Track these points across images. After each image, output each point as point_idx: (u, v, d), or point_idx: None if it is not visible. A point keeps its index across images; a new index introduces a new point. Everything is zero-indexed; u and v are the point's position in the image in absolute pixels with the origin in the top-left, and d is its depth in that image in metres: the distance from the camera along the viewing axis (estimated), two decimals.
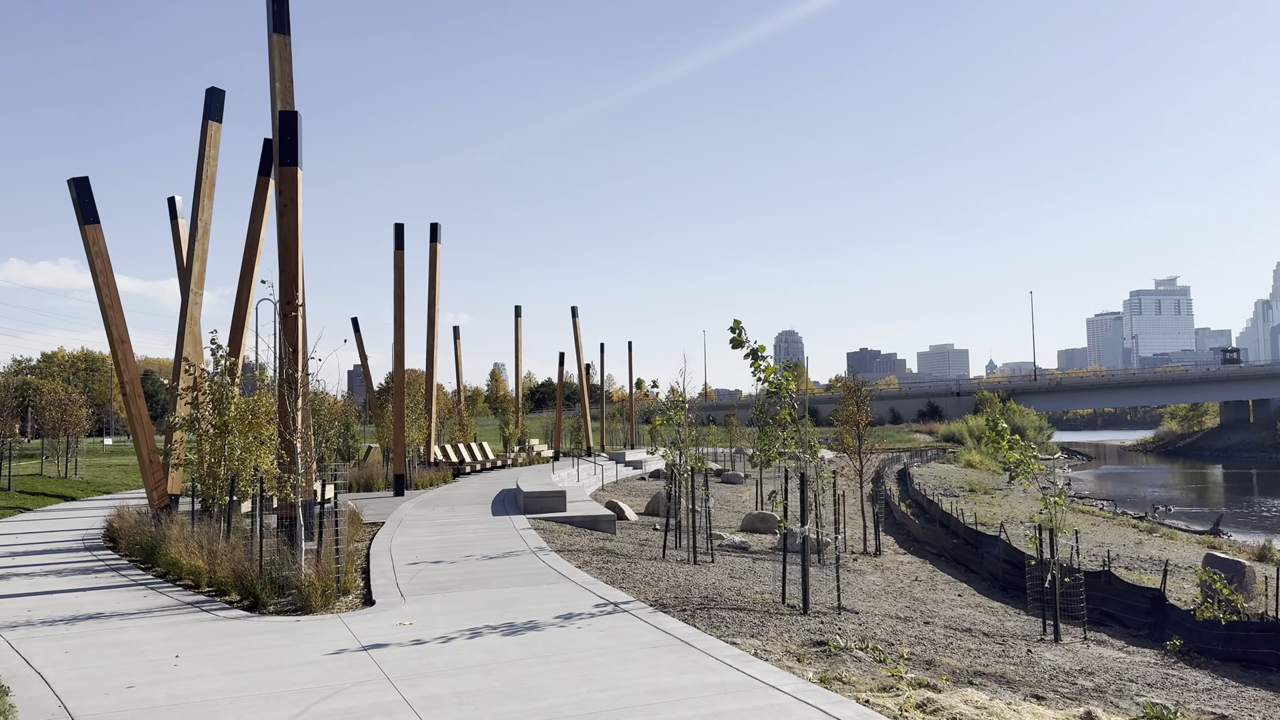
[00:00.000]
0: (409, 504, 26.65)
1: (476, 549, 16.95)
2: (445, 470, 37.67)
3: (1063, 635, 15.06)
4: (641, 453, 59.02)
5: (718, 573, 16.11)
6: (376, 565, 15.06)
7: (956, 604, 18.66)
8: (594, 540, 19.71)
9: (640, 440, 75.63)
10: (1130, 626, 16.29)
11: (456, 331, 59.69)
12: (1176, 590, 20.91)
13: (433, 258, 40.30)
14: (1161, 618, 15.93)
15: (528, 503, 23.47)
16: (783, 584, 13.36)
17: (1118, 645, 14.87)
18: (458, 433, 51.69)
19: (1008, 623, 16.64)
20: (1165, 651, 14.53)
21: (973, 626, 15.15)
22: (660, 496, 32.62)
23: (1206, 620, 14.37)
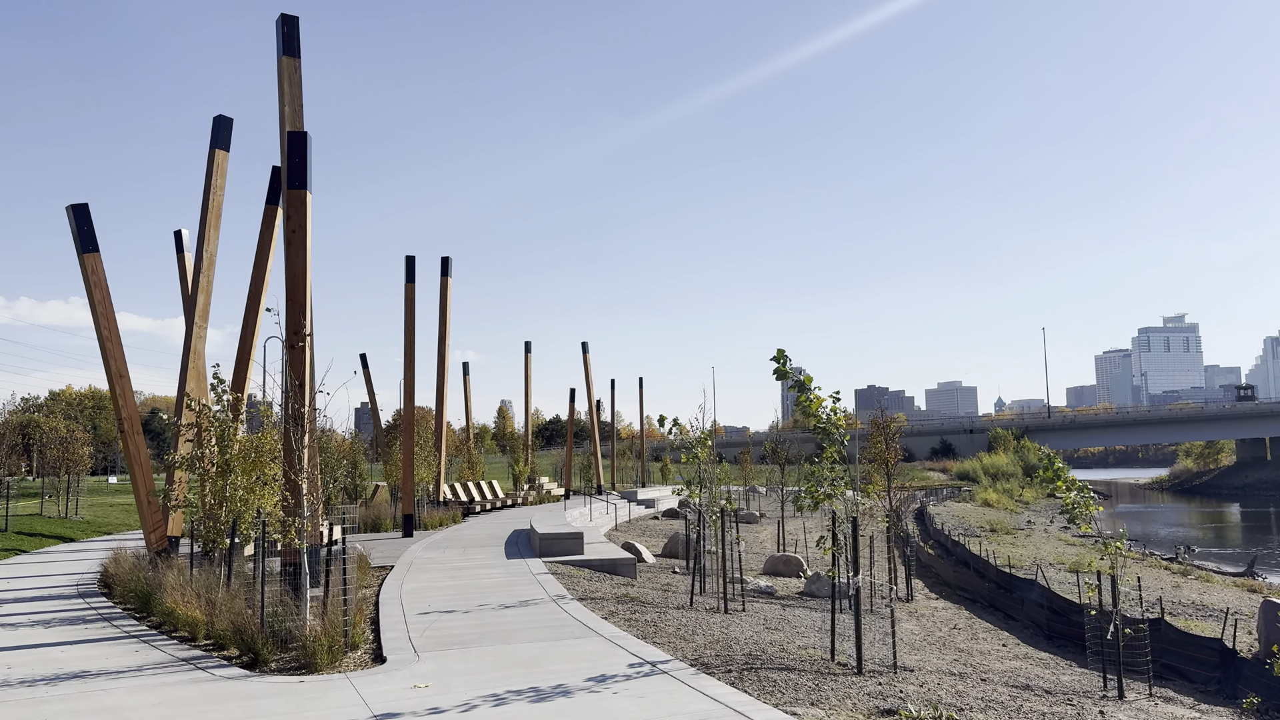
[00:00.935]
0: (418, 545, 25.58)
1: (492, 596, 15.88)
2: (455, 509, 36.59)
3: (1126, 691, 13.92)
4: (654, 491, 57.91)
5: (752, 623, 15.01)
6: (386, 615, 14.00)
7: (1004, 655, 17.48)
8: (615, 586, 18.62)
9: (652, 478, 74.40)
10: (1194, 681, 15.10)
11: (466, 368, 58.85)
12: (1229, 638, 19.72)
13: (443, 292, 39.53)
14: (1232, 672, 14.74)
15: (543, 545, 22.39)
16: (832, 639, 12.25)
17: (1188, 703, 13.69)
18: (466, 471, 50.62)
19: (1063, 677, 15.47)
20: (1241, 710, 13.36)
21: (1031, 683, 14.00)
22: (679, 537, 31.48)
23: None
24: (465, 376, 58.43)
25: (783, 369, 11.36)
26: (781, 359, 11.38)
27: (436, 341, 39.45)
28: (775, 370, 11.40)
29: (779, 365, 11.36)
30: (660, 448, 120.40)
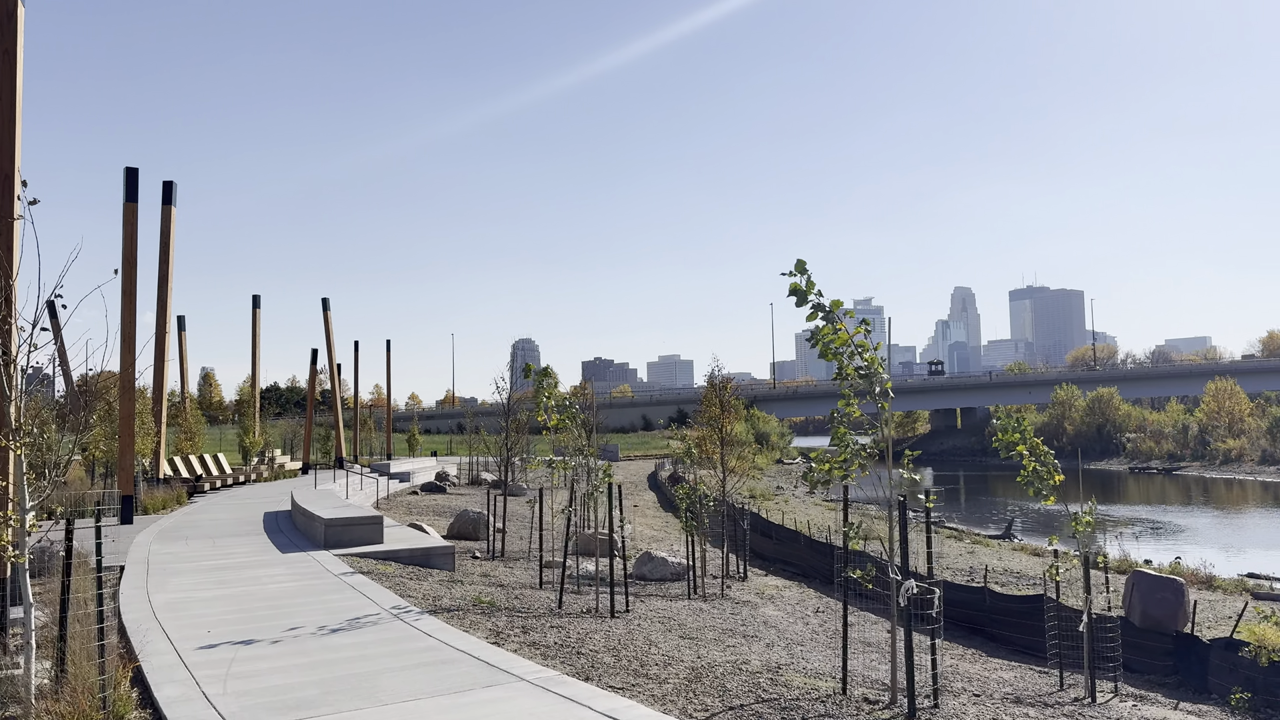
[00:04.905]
0: (147, 536, 19.81)
1: (298, 612, 11.33)
2: (178, 488, 30.11)
3: (1083, 689, 11.97)
4: (407, 463, 52.59)
5: (667, 630, 11.59)
6: (151, 655, 9.16)
7: None
8: (449, 586, 14.49)
9: (396, 449, 68.56)
10: (1140, 671, 13.51)
11: (182, 322, 50.42)
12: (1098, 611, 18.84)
13: (165, 224, 32.42)
14: (1195, 662, 13.25)
15: (330, 533, 17.63)
16: (844, 658, 9.03)
17: (1167, 703, 11.91)
18: (186, 443, 43.07)
19: (1004, 674, 13.37)
20: (1230, 708, 11.74)
21: (999, 690, 11.64)
22: (468, 515, 27.38)
23: (1274, 665, 11.72)
24: (181, 332, 50.04)
25: (801, 288, 7.94)
26: (803, 270, 7.94)
27: (156, 284, 32.34)
28: (791, 288, 7.96)
29: (796, 284, 7.92)
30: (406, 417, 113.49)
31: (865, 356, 7.89)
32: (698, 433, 23.74)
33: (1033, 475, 11.48)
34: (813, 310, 8.02)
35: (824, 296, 8.00)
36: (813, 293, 7.96)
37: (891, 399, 8.07)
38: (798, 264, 7.94)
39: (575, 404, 13.35)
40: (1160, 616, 16.78)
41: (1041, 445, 11.42)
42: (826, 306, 7.98)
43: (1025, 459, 11.54)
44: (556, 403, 13.97)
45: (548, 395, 14.69)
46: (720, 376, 25.27)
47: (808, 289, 7.96)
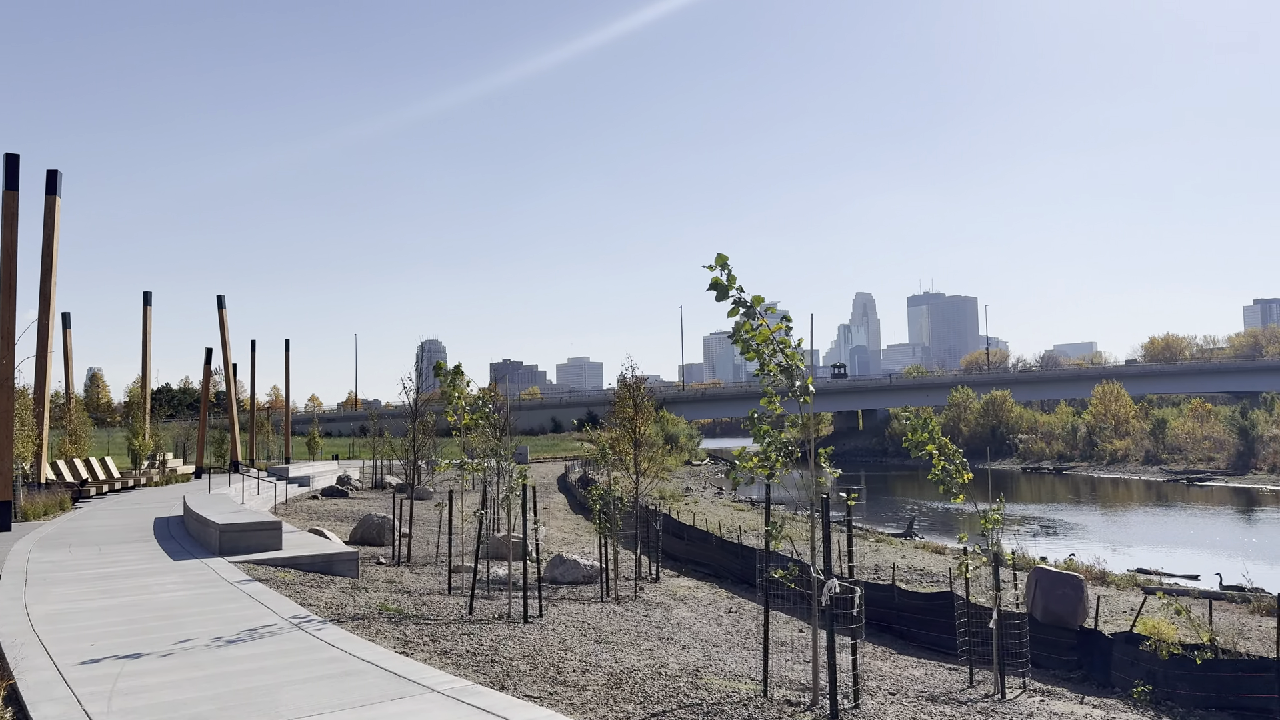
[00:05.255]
0: (27, 544, 18.64)
1: (191, 623, 10.71)
2: (61, 494, 28.51)
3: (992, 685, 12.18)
4: (307, 467, 50.99)
5: (581, 635, 11.34)
6: (26, 670, 8.49)
7: None
8: (352, 594, 13.95)
9: (295, 453, 66.50)
10: (1046, 666, 13.81)
11: (67, 319, 47.95)
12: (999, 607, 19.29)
13: (49, 216, 30.70)
14: (1098, 657, 13.59)
15: (226, 540, 16.83)
16: (764, 660, 8.91)
17: (1073, 697, 12.18)
18: (70, 446, 40.91)
19: (916, 672, 13.52)
20: (1132, 701, 12.06)
21: (913, 688, 11.74)
22: (371, 520, 26.67)
23: (1174, 659, 12.10)
24: (66, 330, 47.60)
25: (723, 283, 7.80)
26: (723, 266, 7.81)
27: (39, 278, 30.58)
28: (712, 282, 7.82)
29: (718, 277, 7.79)
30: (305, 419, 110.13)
31: (787, 353, 7.80)
32: (611, 434, 23.58)
33: (943, 475, 11.62)
34: (734, 306, 7.91)
35: (745, 292, 7.89)
36: (734, 287, 7.84)
37: (813, 396, 7.99)
38: (718, 258, 7.81)
39: (489, 404, 12.99)
40: (1061, 612, 17.27)
41: (951, 445, 11.56)
42: (748, 302, 7.87)
43: (935, 459, 11.67)
44: (469, 403, 13.61)
45: (459, 395, 14.31)
46: (634, 377, 25.15)
47: (729, 284, 7.83)
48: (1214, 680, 11.74)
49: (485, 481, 16.40)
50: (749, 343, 7.91)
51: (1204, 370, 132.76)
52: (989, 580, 16.65)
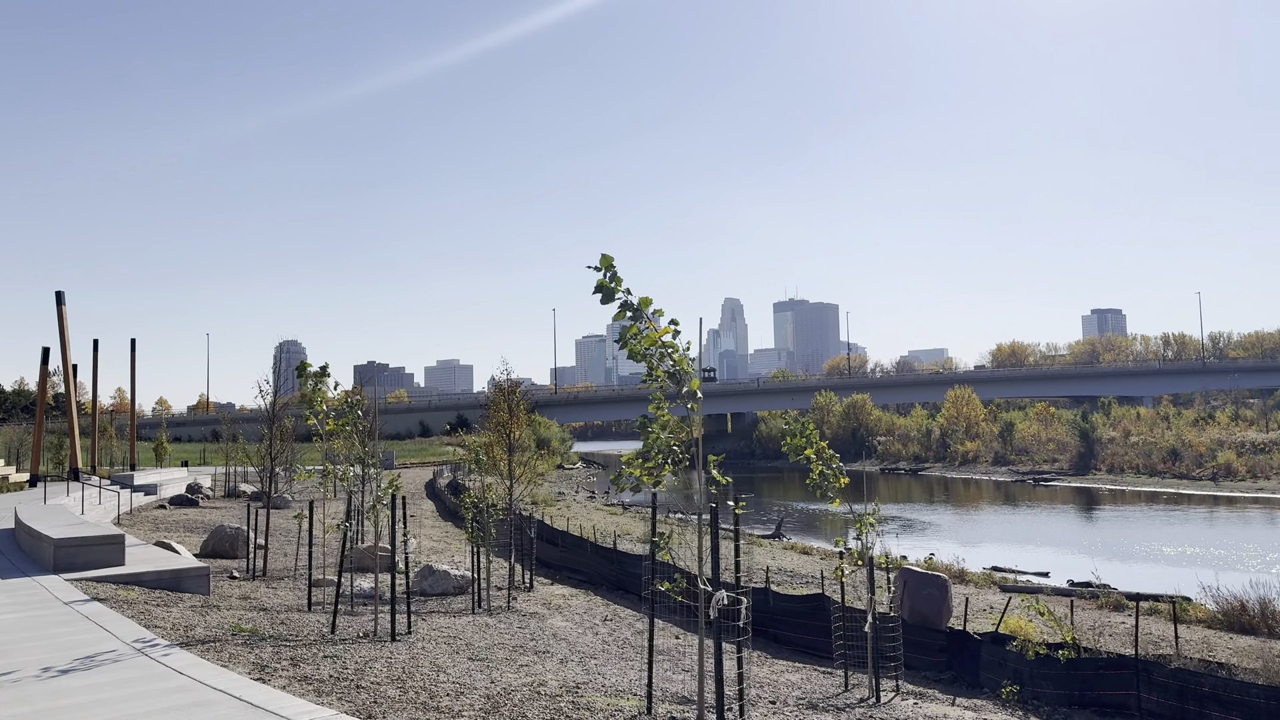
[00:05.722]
0: None
1: (18, 649, 9.68)
2: None
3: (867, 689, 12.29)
4: (153, 474, 48.03)
5: (454, 651, 10.81)
6: None
7: None
8: (206, 613, 12.98)
9: (142, 459, 62.65)
10: (917, 668, 14.02)
11: None
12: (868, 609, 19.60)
13: None
14: (967, 658, 13.85)
15: (64, 555, 15.48)
16: (649, 677, 8.60)
17: (944, 699, 12.38)
18: None
19: (792, 676, 13.52)
20: (1001, 701, 12.33)
21: (792, 695, 11.71)
22: (224, 531, 25.19)
23: (1040, 658, 12.44)
24: None
25: (608, 285, 7.49)
26: (608, 267, 7.49)
27: None
28: (598, 284, 7.49)
29: (603, 280, 7.47)
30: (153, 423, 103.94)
31: (674, 357, 7.55)
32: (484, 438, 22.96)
33: (820, 478, 11.64)
34: (620, 308, 7.61)
35: (632, 295, 7.60)
36: (620, 290, 7.54)
37: (701, 400, 7.77)
38: (604, 259, 7.50)
39: (358, 407, 12.30)
40: (927, 612, 17.69)
41: (828, 450, 11.61)
42: (635, 304, 7.58)
43: (814, 463, 11.69)
44: (334, 407, 12.88)
45: (322, 398, 13.55)
46: (509, 380, 24.57)
47: (615, 286, 7.53)
48: (1077, 678, 12.18)
49: (350, 489, 15.60)
50: (637, 347, 7.62)
51: (1047, 376, 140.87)
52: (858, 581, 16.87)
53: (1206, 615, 20.25)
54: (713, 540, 7.42)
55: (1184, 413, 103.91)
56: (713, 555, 7.45)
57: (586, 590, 22.54)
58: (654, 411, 7.85)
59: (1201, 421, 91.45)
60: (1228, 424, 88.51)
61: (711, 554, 7.45)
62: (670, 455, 7.70)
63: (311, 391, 13.61)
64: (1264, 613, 19.47)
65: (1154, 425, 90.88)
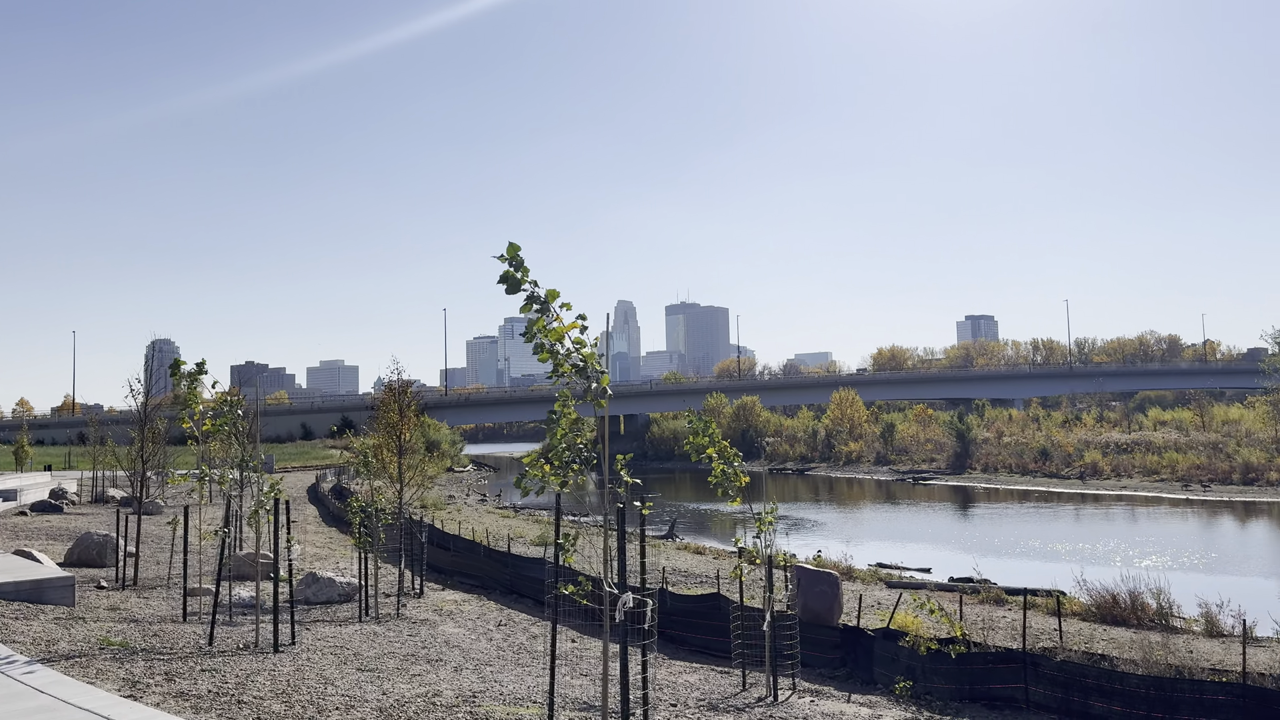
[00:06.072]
0: None
1: None
2: None
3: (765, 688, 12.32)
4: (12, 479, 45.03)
5: (342, 663, 10.32)
6: None
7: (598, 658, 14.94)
8: (71, 626, 12.08)
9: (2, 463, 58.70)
10: (812, 665, 14.10)
11: None
12: None
13: None
14: (861, 654, 13.99)
15: None
16: (550, 686, 8.33)
17: (840, 695, 12.49)
18: None
19: (690, 678, 13.44)
20: (895, 697, 12.50)
21: (691, 696, 11.62)
22: (91, 539, 23.75)
23: (932, 654, 12.65)
24: None
25: (515, 276, 7.20)
26: (514, 257, 7.20)
27: None
28: (504, 275, 7.19)
29: (510, 270, 7.17)
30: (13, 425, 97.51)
31: (584, 353, 7.32)
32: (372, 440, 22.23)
33: (722, 478, 11.60)
34: (527, 301, 7.32)
35: (540, 287, 7.34)
36: (527, 281, 7.26)
37: (610, 398, 7.56)
38: (510, 248, 7.21)
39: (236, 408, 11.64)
40: (819, 609, 17.91)
41: (731, 449, 11.58)
42: (542, 297, 7.31)
43: (715, 462, 11.64)
44: (211, 407, 12.18)
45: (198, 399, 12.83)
46: (400, 380, 23.84)
47: (521, 277, 7.25)
48: (968, 673, 12.47)
49: (229, 494, 14.83)
50: (542, 341, 7.35)
51: (925, 379, 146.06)
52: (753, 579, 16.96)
53: (1081, 608, 21.14)
54: (619, 542, 7.23)
55: (1052, 414, 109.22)
56: (619, 557, 7.25)
57: (479, 595, 22.06)
58: (560, 410, 7.61)
59: (1069, 423, 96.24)
60: (1093, 425, 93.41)
61: (618, 556, 7.26)
62: (577, 455, 7.47)
63: (187, 391, 12.89)
64: (1134, 605, 20.46)
65: (1025, 426, 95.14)
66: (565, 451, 7.50)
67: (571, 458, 7.51)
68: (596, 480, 7.51)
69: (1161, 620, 20.04)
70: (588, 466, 7.60)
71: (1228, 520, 49.58)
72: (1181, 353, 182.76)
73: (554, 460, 7.49)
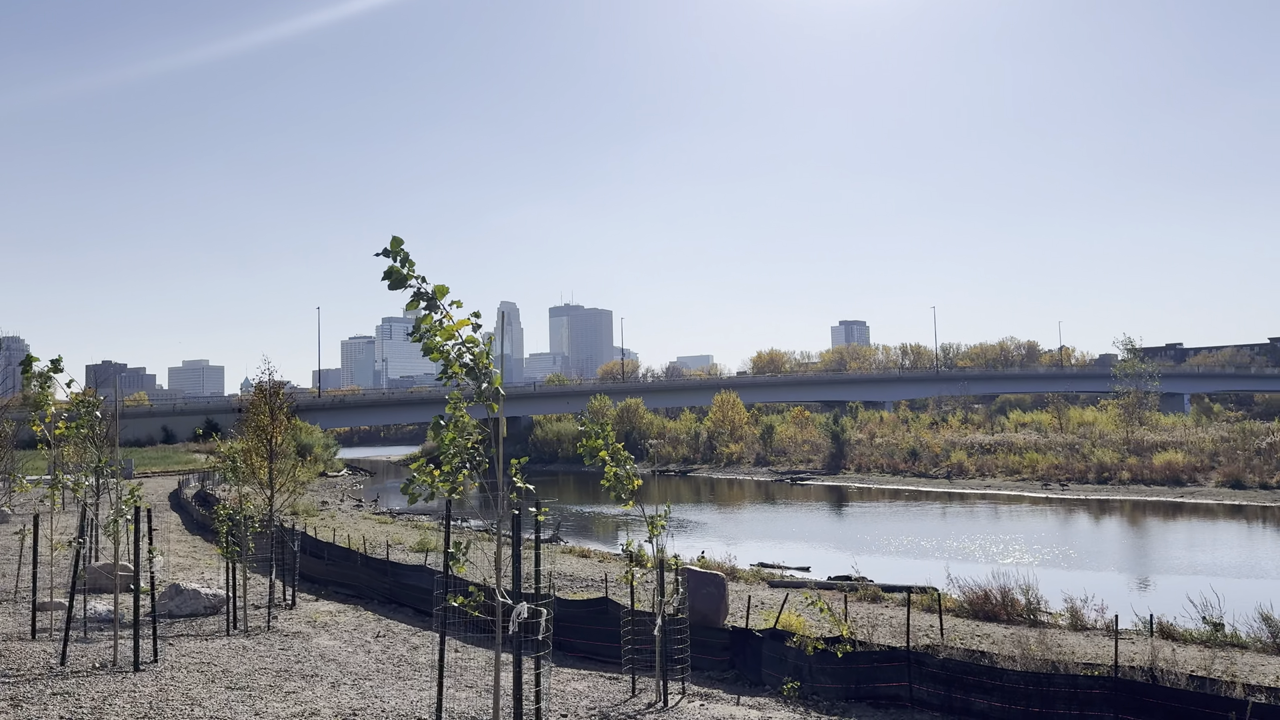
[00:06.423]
0: None
1: None
2: None
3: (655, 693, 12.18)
4: None
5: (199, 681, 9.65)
6: None
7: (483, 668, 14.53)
8: None
9: None
10: (701, 668, 14.01)
11: None
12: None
13: None
14: (749, 655, 13.96)
15: None
16: (438, 702, 7.93)
17: (729, 698, 12.45)
18: None
19: (579, 685, 13.17)
20: (783, 698, 12.51)
21: (581, 704, 11.37)
22: None
23: (819, 653, 12.71)
24: None
25: (400, 271, 6.80)
26: (398, 251, 6.80)
27: None
28: (389, 270, 6.78)
29: (394, 265, 6.77)
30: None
31: (475, 353, 6.99)
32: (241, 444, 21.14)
33: (615, 480, 11.40)
34: (414, 298, 6.95)
35: (427, 282, 6.97)
36: (413, 276, 6.89)
37: (503, 400, 7.25)
38: (394, 242, 6.82)
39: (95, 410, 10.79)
40: (706, 611, 17.91)
41: (624, 451, 11.39)
42: (430, 293, 6.95)
43: (608, 465, 11.43)
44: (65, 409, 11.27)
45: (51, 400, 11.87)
46: (271, 381, 22.75)
47: (408, 272, 6.87)
48: (854, 672, 12.61)
49: (84, 501, 13.81)
50: (432, 340, 6.99)
51: (802, 382, 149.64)
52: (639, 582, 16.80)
53: (955, 605, 21.84)
54: (514, 549, 6.92)
55: (921, 416, 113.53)
56: (514, 565, 6.95)
57: (356, 605, 21.25)
58: (451, 411, 7.25)
59: (936, 425, 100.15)
60: (959, 427, 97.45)
61: (513, 563, 6.95)
62: (469, 459, 7.13)
63: (39, 392, 11.93)
64: (1005, 601, 21.25)
65: (896, 428, 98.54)
66: (455, 456, 7.14)
67: (462, 462, 7.16)
68: (489, 485, 7.18)
69: (1030, 615, 20.89)
70: (478, 471, 7.27)
71: (1084, 517, 52.39)
72: (1039, 358, 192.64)
73: (444, 465, 7.13)
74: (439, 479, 7.07)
